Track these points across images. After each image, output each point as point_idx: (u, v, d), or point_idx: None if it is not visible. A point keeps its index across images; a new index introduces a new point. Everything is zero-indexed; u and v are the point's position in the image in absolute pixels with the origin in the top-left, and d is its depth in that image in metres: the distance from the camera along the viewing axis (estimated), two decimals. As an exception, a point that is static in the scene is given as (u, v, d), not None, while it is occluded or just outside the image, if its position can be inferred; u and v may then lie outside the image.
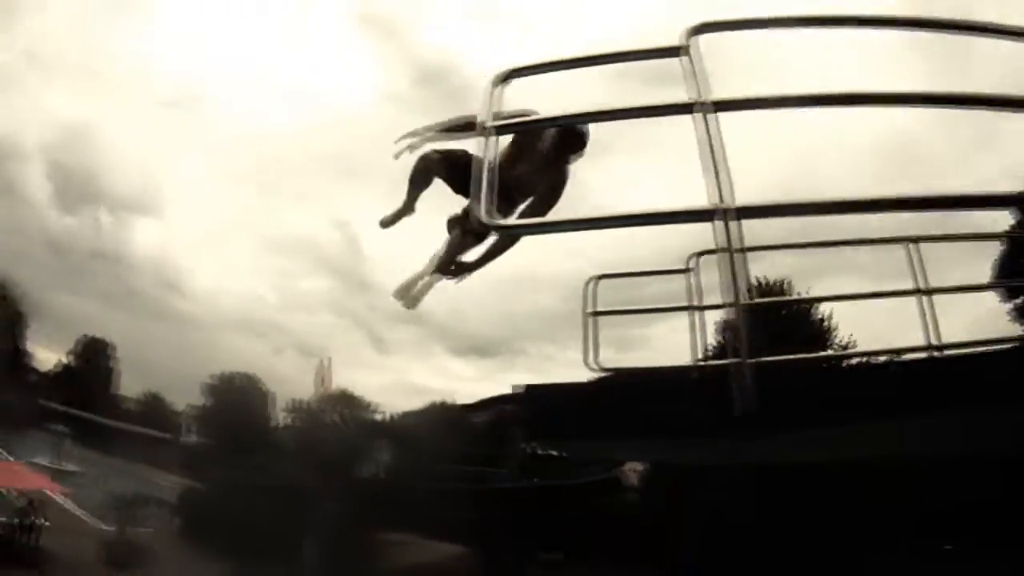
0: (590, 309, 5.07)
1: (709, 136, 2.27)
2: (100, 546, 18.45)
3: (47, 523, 18.00)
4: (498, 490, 18.00)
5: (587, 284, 5.13)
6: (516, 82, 2.71)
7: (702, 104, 2.32)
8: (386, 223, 5.17)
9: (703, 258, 5.04)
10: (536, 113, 3.12)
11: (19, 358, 61.71)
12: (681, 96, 2.42)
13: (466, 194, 4.15)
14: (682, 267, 5.24)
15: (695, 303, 5.32)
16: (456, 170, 4.28)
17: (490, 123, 2.53)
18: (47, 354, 66.24)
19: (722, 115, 2.31)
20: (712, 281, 4.99)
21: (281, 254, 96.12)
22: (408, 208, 4.99)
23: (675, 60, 2.47)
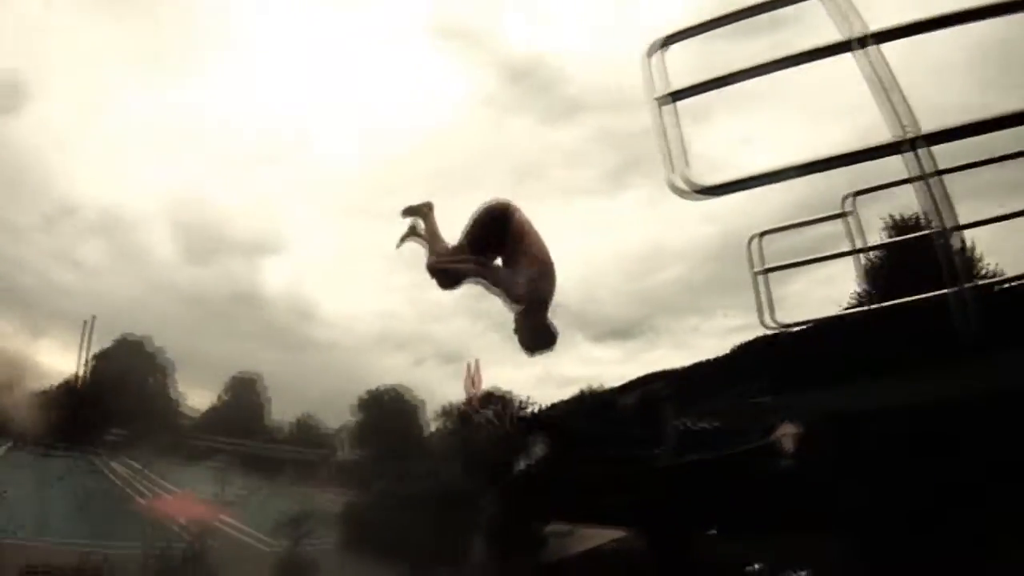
0: (757, 268, 5.13)
1: (875, 69, 2.49)
2: (267, 565, 19.19)
3: (214, 546, 18.87)
4: (655, 470, 17.43)
5: (750, 242, 5.20)
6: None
7: (864, 39, 2.50)
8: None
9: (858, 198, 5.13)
10: None
11: (172, 404, 68.15)
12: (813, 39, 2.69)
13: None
14: (838, 212, 5.26)
15: (858, 245, 5.38)
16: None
17: (661, 92, 2.77)
18: (202, 395, 72.59)
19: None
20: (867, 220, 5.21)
21: (409, 269, 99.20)
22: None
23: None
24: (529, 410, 21.13)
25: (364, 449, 55.13)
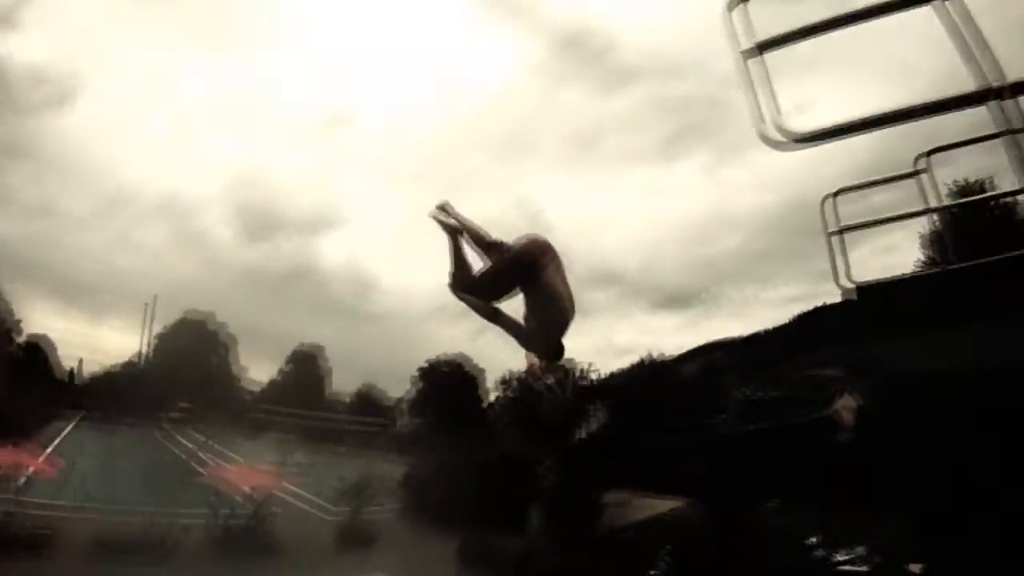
0: (832, 227, 5.24)
1: (958, 23, 2.66)
2: (329, 532, 19.65)
3: (277, 514, 19.40)
4: (715, 440, 17.55)
5: (823, 202, 5.32)
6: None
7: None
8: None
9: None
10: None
11: (234, 379, 70.67)
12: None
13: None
14: (910, 170, 5.33)
15: (932, 204, 5.45)
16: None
17: (746, 45, 3.03)
18: (264, 368, 75.06)
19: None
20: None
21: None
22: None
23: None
24: (589, 378, 21.13)
25: (424, 418, 56.53)
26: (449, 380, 56.89)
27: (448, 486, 21.14)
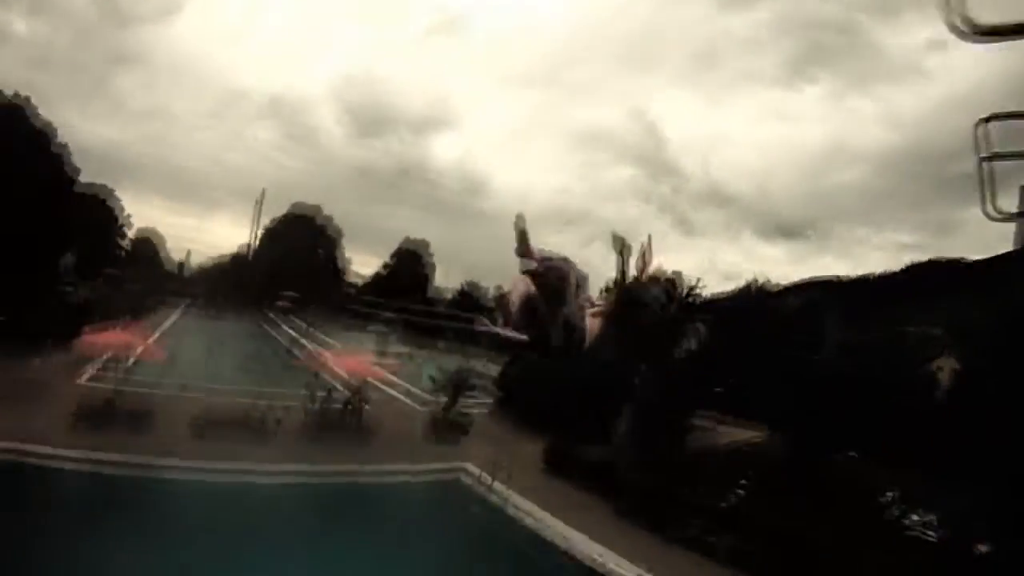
0: (984, 152, 4.96)
1: None
2: (423, 421, 20.30)
3: (374, 400, 20.15)
4: (808, 378, 16.84)
5: (976, 127, 5.00)
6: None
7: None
8: None
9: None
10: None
11: (340, 271, 73.48)
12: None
13: None
14: None
15: None
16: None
17: None
18: (369, 262, 77.79)
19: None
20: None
21: (582, 147, 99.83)
22: None
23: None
24: (695, 296, 20.55)
25: (524, 319, 57.29)
26: (552, 284, 57.11)
27: (542, 388, 21.36)
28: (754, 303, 29.66)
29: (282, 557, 11.13)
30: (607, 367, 20.53)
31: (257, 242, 68.99)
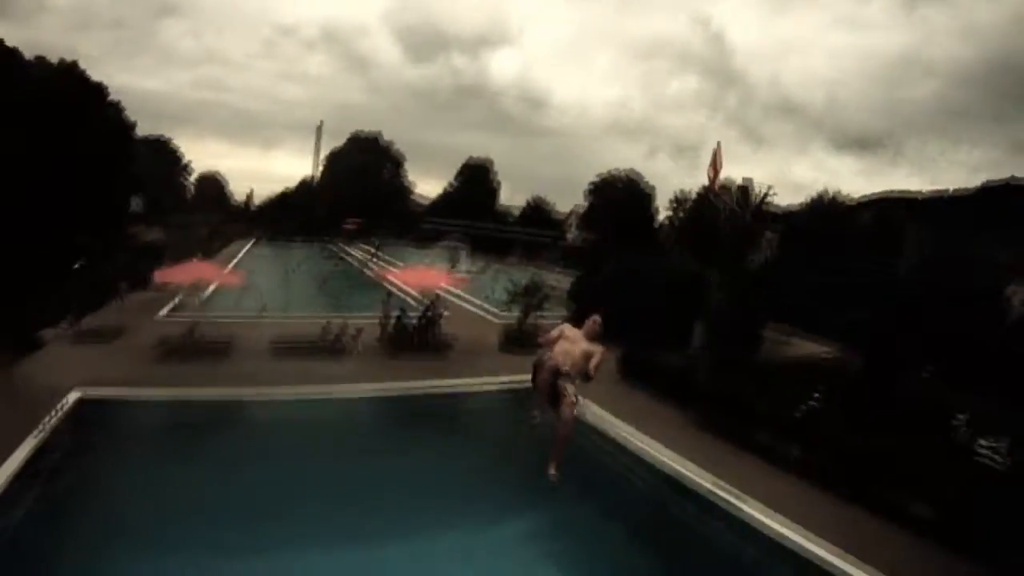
0: None
1: None
2: (495, 334, 20.31)
3: (446, 314, 20.26)
4: (883, 292, 16.89)
5: None
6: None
7: None
8: None
9: None
10: None
11: (406, 193, 74.11)
12: None
13: None
14: None
15: None
16: None
17: None
18: (434, 182, 78.23)
19: None
20: None
21: (643, 58, 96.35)
22: None
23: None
24: (768, 204, 19.83)
25: (593, 232, 57.09)
26: (621, 195, 56.64)
27: (615, 298, 21.11)
28: (827, 215, 29.55)
29: (364, 470, 11.35)
30: (682, 277, 20.21)
31: (320, 170, 69.92)
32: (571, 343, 7.30)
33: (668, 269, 21.34)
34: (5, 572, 7.61)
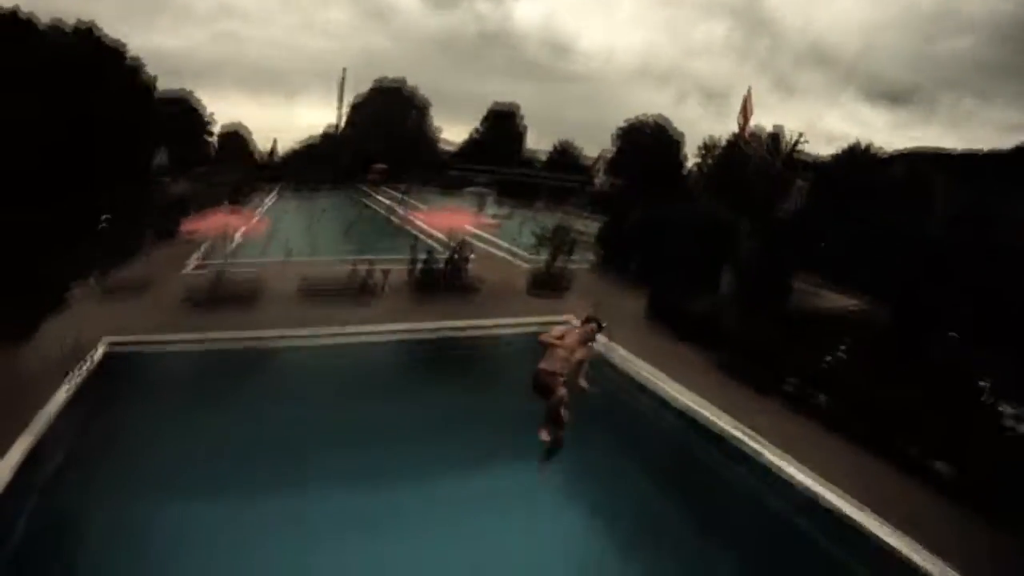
0: None
1: None
2: (522, 277, 20.08)
3: (472, 257, 20.10)
4: (913, 246, 16.45)
5: None
6: None
7: None
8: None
9: None
10: None
11: (429, 139, 73.62)
12: None
13: None
14: None
15: None
16: None
17: None
18: (460, 129, 77.43)
19: None
20: None
21: (671, 1, 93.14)
22: None
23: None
24: (800, 151, 19.27)
25: (621, 178, 56.35)
26: (649, 141, 55.70)
27: (642, 244, 20.84)
28: (859, 166, 28.99)
29: (390, 410, 11.34)
30: (710, 223, 19.92)
31: (344, 119, 69.57)
32: (567, 351, 6.98)
33: (696, 216, 20.99)
34: (44, 516, 7.70)
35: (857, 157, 32.38)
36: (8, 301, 13.32)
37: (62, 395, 10.21)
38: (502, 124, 70.45)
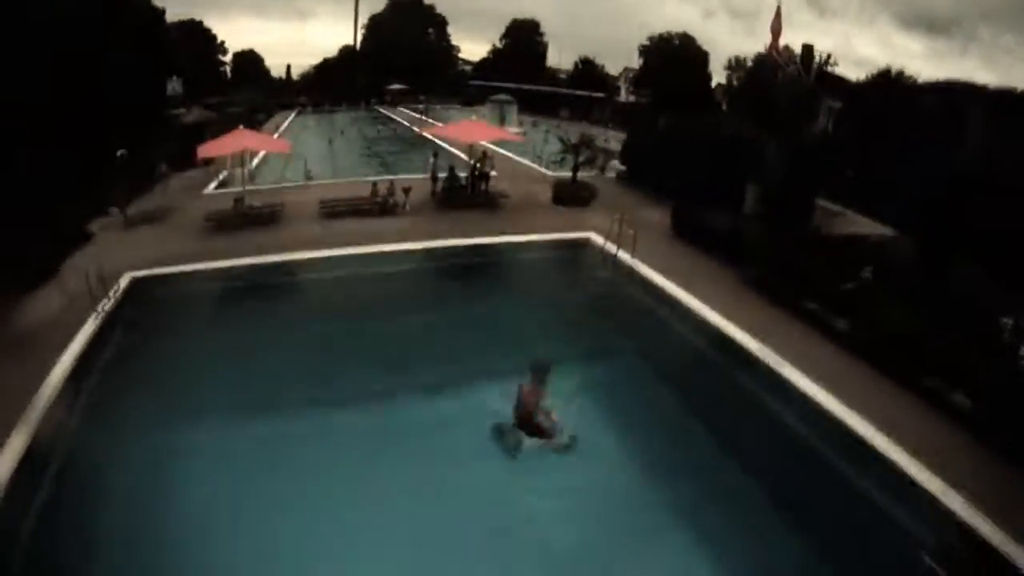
0: None
1: None
2: (546, 189, 19.72)
3: (495, 172, 19.73)
4: (943, 177, 15.41)
5: None
6: None
7: None
8: None
9: None
10: None
11: (449, 53, 72.34)
12: None
13: None
14: None
15: None
16: None
17: None
18: (480, 44, 75.95)
19: None
20: None
21: None
22: None
23: None
24: (829, 70, 18.30)
25: (647, 92, 55.37)
26: (675, 57, 54.52)
27: (667, 158, 20.38)
28: (891, 92, 27.76)
29: (419, 321, 11.31)
30: (736, 140, 19.39)
31: (361, 37, 68.51)
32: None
33: (722, 132, 20.44)
34: (80, 443, 7.81)
35: (889, 82, 31.49)
36: (30, 240, 13.37)
37: (90, 328, 10.20)
38: (522, 38, 69.48)
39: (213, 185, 21.58)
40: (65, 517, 6.71)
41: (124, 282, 12.30)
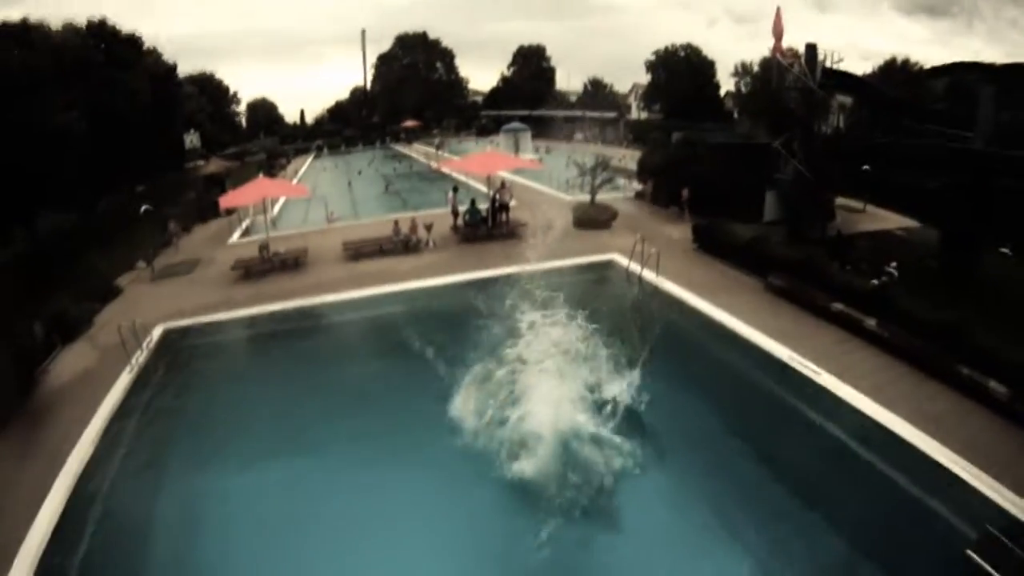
0: None
1: None
2: (565, 213, 19.76)
3: (514, 202, 19.85)
4: (959, 158, 15.46)
5: None
6: None
7: None
8: None
9: None
10: None
11: (459, 85, 72.99)
12: None
13: None
14: None
15: None
16: None
17: None
18: (490, 72, 76.79)
19: None
20: None
21: None
22: None
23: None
24: (836, 68, 18.47)
25: (656, 106, 55.52)
26: (682, 68, 54.70)
27: (683, 172, 20.46)
28: (898, 81, 27.82)
29: (444, 356, 11.32)
30: (750, 148, 19.64)
31: (371, 77, 69.55)
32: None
33: (735, 140, 20.56)
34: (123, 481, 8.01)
35: (895, 71, 31.47)
36: (62, 298, 13.74)
37: (124, 382, 10.41)
38: (530, 65, 70.02)
39: (237, 234, 21.93)
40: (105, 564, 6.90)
41: (157, 333, 12.53)
